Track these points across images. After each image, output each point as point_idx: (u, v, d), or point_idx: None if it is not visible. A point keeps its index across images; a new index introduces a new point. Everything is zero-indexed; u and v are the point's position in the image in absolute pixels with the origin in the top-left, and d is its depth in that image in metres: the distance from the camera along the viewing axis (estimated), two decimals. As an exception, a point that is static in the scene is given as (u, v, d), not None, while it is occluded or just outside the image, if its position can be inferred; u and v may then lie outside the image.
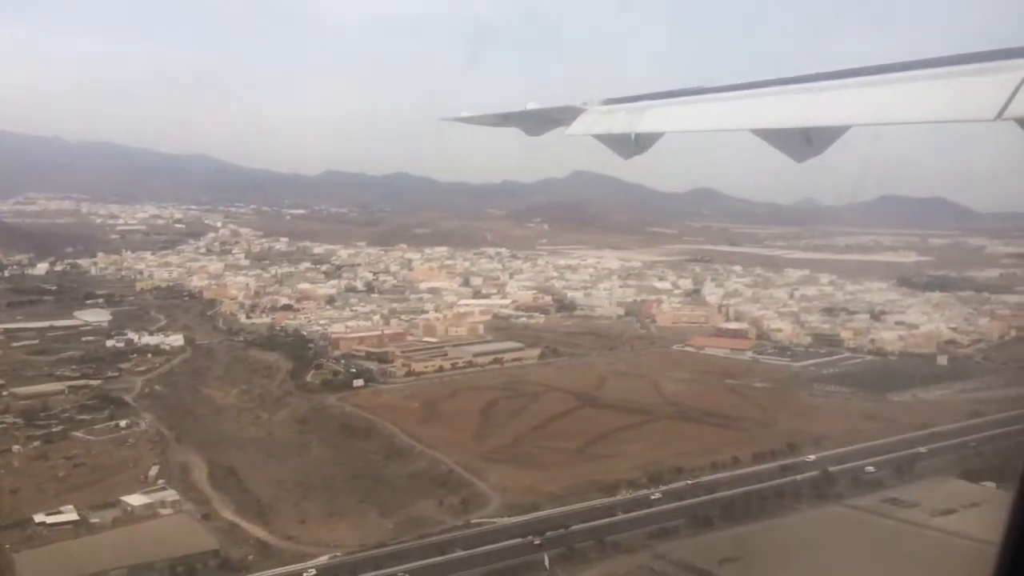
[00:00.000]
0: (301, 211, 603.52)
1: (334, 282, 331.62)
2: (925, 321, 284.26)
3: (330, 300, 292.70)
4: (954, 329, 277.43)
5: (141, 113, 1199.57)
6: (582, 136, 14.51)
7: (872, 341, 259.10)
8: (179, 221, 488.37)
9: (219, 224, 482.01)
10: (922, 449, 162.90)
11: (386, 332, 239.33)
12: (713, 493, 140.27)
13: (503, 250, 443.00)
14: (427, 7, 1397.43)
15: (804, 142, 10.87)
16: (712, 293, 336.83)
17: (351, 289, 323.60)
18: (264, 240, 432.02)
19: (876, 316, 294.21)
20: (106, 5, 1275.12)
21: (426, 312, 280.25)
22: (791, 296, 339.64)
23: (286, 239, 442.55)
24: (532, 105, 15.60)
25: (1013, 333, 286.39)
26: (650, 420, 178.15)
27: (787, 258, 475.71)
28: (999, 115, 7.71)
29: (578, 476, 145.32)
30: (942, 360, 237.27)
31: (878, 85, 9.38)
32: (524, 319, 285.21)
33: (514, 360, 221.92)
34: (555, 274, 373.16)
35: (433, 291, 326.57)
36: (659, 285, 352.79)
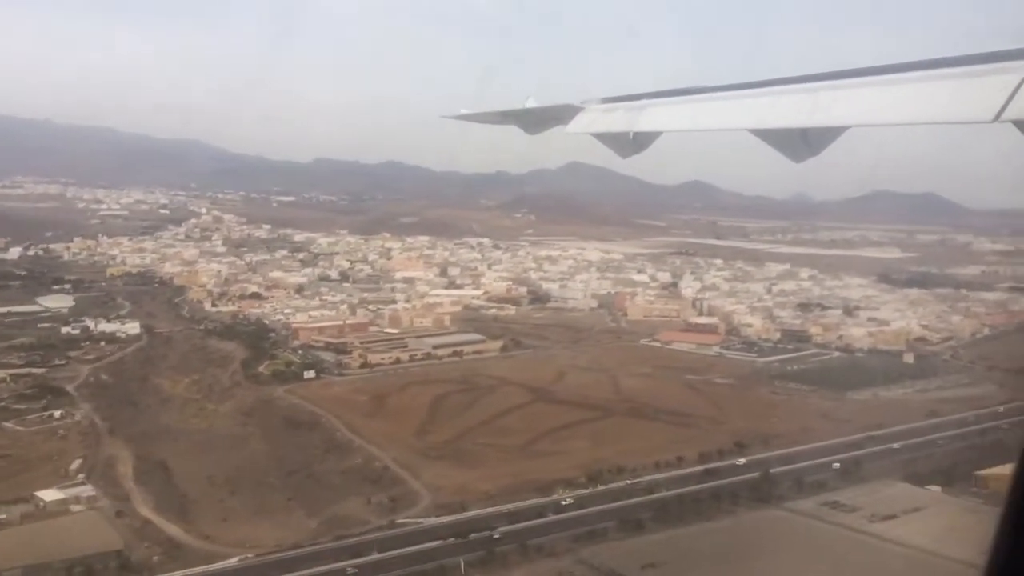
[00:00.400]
0: (290, 198, 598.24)
1: (308, 270, 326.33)
2: (897, 318, 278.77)
3: (300, 289, 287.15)
4: (926, 326, 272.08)
5: (137, 99, 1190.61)
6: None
7: (841, 337, 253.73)
8: (164, 207, 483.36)
9: (203, 210, 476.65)
10: (873, 449, 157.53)
11: (349, 322, 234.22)
12: (650, 494, 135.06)
13: (485, 240, 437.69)
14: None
15: (802, 142, 10.82)
16: (689, 287, 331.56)
17: (324, 278, 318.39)
18: (246, 227, 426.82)
19: (849, 312, 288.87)
20: None
21: (395, 302, 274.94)
22: (768, 291, 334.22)
23: (268, 226, 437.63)
24: (531, 103, 15.57)
25: (986, 331, 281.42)
26: (601, 416, 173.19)
27: (771, 252, 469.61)
28: (997, 117, 7.66)
29: (515, 475, 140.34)
30: (908, 358, 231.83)
31: (876, 86, 9.27)
32: (495, 311, 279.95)
33: (475, 353, 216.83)
34: (534, 265, 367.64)
35: (407, 281, 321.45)
36: (637, 278, 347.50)
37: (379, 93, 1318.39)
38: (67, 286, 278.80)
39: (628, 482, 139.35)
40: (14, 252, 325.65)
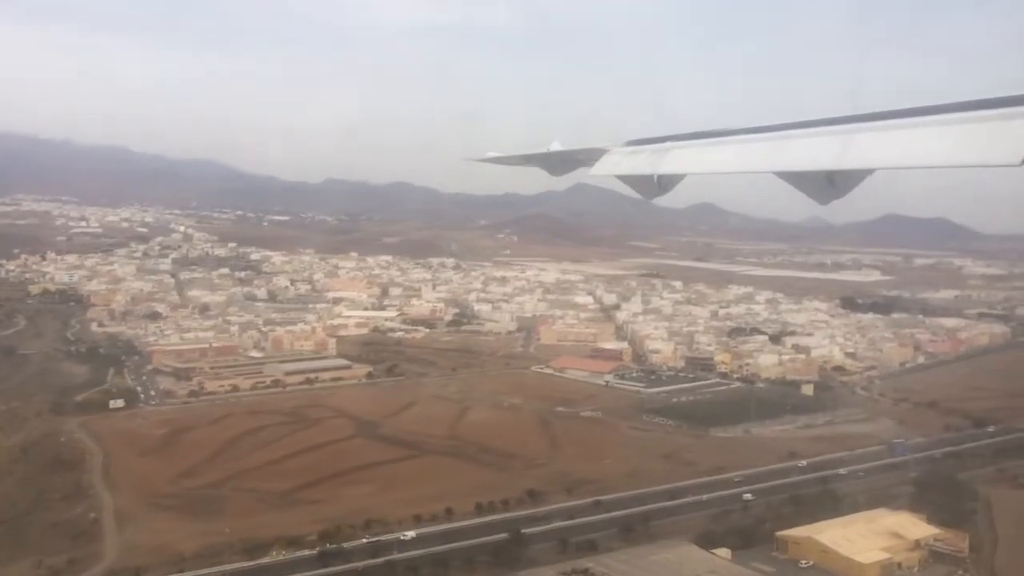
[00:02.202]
0: (285, 217, 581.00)
1: (237, 289, 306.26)
2: (827, 345, 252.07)
3: (206, 309, 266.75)
4: (852, 355, 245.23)
5: (155, 120, 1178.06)
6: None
7: (748, 366, 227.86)
8: (145, 225, 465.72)
9: (181, 228, 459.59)
10: (688, 499, 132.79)
11: (215, 346, 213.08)
12: (376, 557, 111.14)
13: (449, 261, 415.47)
14: (440, 16, 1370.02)
15: (827, 184, 10.54)
16: (627, 311, 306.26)
17: (250, 297, 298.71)
18: (211, 245, 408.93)
19: (777, 339, 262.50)
20: (122, 10, 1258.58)
21: (300, 323, 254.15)
22: (713, 315, 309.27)
23: (234, 244, 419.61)
24: (556, 146, 15.44)
25: (920, 359, 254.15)
26: (412, 456, 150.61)
27: (746, 275, 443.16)
28: None
29: (245, 529, 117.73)
30: (807, 389, 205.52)
31: (902, 128, 9.02)
32: (401, 333, 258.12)
33: (333, 379, 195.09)
34: (479, 287, 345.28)
35: (336, 301, 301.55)
36: (580, 300, 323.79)
37: (389, 112, 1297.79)
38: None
39: (366, 540, 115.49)
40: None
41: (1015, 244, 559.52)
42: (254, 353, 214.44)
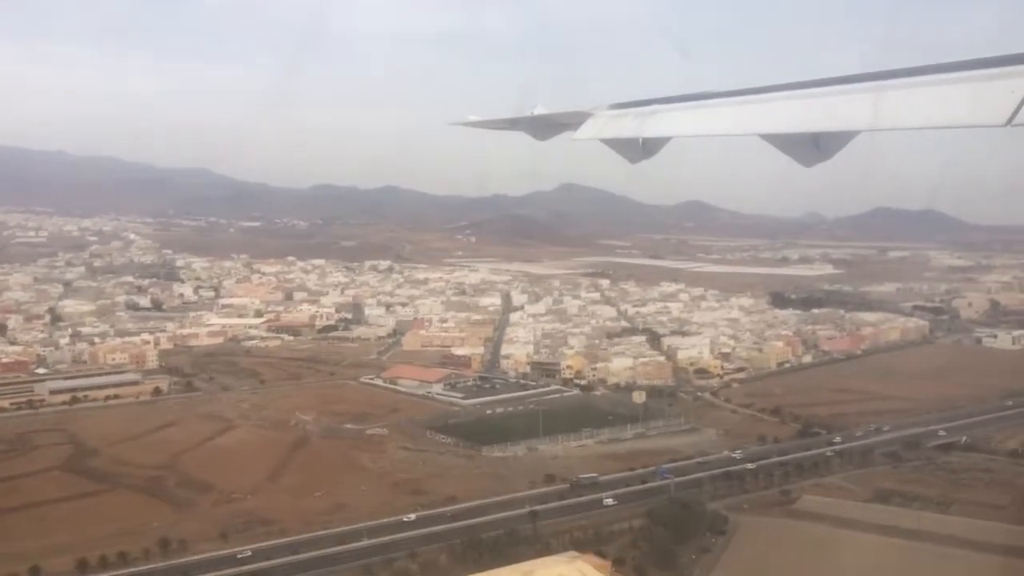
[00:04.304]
0: (256, 223, 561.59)
1: (122, 298, 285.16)
2: (701, 345, 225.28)
3: (56, 319, 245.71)
4: (725, 355, 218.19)
5: (145, 128, 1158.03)
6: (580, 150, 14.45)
7: (597, 371, 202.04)
8: (98, 233, 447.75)
9: (133, 236, 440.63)
10: (353, 546, 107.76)
11: (3, 361, 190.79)
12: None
13: (384, 263, 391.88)
14: (433, 22, 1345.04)
15: (813, 147, 9.93)
16: (528, 311, 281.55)
17: (132, 306, 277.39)
18: (141, 253, 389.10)
19: (656, 340, 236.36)
20: (118, 22, 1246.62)
21: (159, 331, 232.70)
22: (620, 315, 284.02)
23: (169, 251, 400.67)
24: (539, 110, 14.44)
25: (807, 359, 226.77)
26: (103, 491, 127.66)
27: (693, 271, 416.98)
28: (1009, 121, 7.16)
29: None
30: (638, 397, 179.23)
31: (888, 90, 8.51)
32: (257, 342, 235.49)
33: (107, 398, 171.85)
34: (390, 289, 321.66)
35: (226, 307, 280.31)
36: (486, 302, 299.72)
37: (385, 119, 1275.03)
38: None
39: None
40: None
41: (1004, 235, 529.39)
42: (42, 369, 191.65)
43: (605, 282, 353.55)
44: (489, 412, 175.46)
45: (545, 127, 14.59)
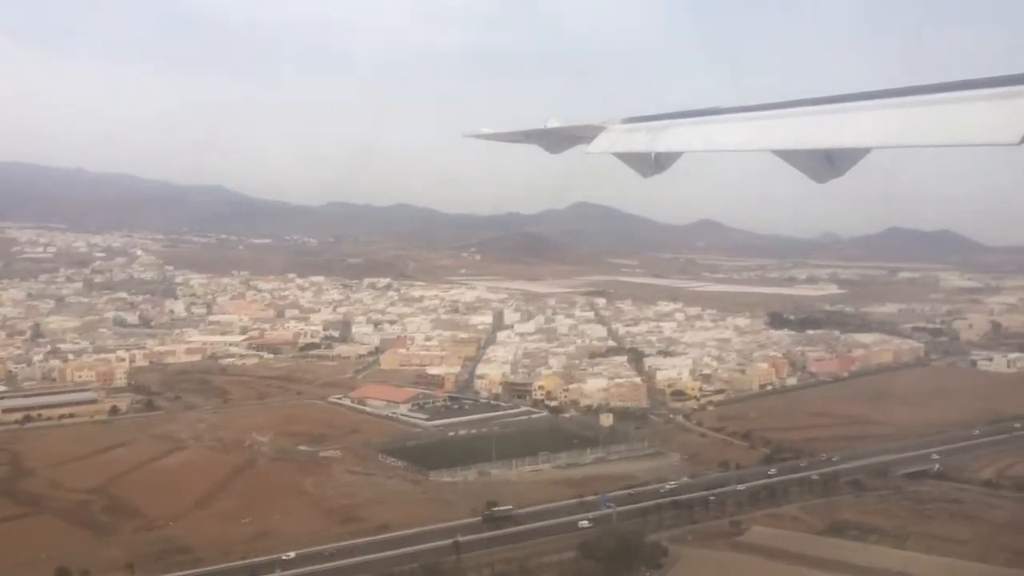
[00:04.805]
0: (266, 240, 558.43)
1: (112, 314, 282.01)
2: (682, 365, 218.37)
3: (37, 335, 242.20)
4: (706, 376, 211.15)
5: (162, 145, 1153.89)
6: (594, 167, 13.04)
7: (569, 392, 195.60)
8: (107, 250, 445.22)
9: (139, 252, 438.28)
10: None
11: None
12: None
13: (383, 280, 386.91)
14: (450, 39, 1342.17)
15: (826, 164, 9.82)
16: (518, 330, 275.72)
17: (119, 323, 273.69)
18: (143, 269, 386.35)
19: (639, 359, 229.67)
20: (132, 37, 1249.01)
21: (136, 348, 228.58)
22: (610, 334, 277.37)
23: (171, 268, 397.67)
24: (553, 123, 14.29)
25: (792, 381, 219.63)
26: (26, 515, 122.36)
27: (695, 291, 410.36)
28: (1023, 140, 7.02)
29: None
30: (605, 420, 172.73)
31: (901, 107, 8.42)
32: (233, 360, 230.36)
33: (61, 416, 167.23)
34: (382, 307, 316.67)
35: (214, 324, 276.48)
36: (476, 320, 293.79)
37: (400, 137, 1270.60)
38: None
39: None
40: None
41: (1018, 256, 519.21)
42: (2, 387, 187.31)
43: (601, 301, 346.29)
44: (451, 434, 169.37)
45: (558, 140, 14.41)
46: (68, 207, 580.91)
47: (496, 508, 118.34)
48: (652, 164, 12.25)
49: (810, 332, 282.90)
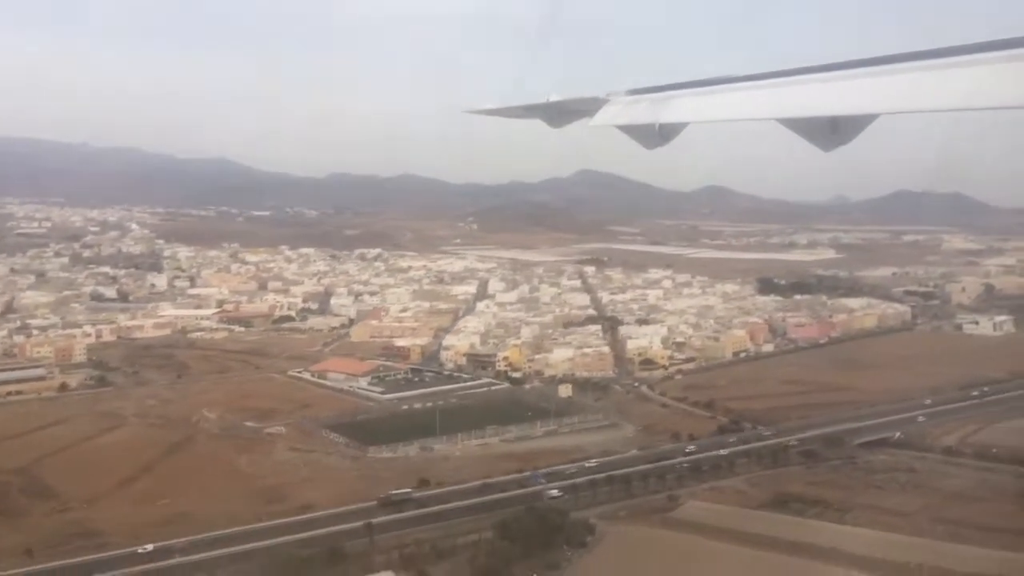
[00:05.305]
0: (266, 213, 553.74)
1: (90, 288, 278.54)
2: (654, 333, 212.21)
3: (9, 310, 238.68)
4: (679, 344, 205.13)
5: (166, 119, 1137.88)
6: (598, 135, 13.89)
7: (534, 363, 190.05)
8: (102, 224, 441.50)
9: (134, 227, 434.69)
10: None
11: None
12: None
13: (373, 251, 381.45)
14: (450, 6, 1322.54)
15: (831, 131, 9.57)
16: (500, 300, 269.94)
17: (96, 297, 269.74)
18: (134, 243, 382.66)
19: (615, 328, 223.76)
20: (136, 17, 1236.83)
21: (96, 325, 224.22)
22: (592, 303, 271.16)
23: (162, 241, 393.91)
24: (555, 97, 13.90)
25: (768, 347, 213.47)
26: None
27: (690, 258, 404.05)
28: None
29: None
30: (564, 390, 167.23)
31: (906, 72, 8.23)
32: (202, 334, 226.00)
33: (12, 392, 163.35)
34: (367, 277, 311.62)
35: (189, 297, 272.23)
36: (458, 290, 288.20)
37: (398, 105, 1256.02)
38: None
39: None
40: None
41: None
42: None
43: (591, 269, 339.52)
44: (405, 407, 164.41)
45: (561, 114, 14.11)
46: (70, 182, 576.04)
47: (394, 491, 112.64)
48: (656, 136, 11.83)
49: (797, 298, 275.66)
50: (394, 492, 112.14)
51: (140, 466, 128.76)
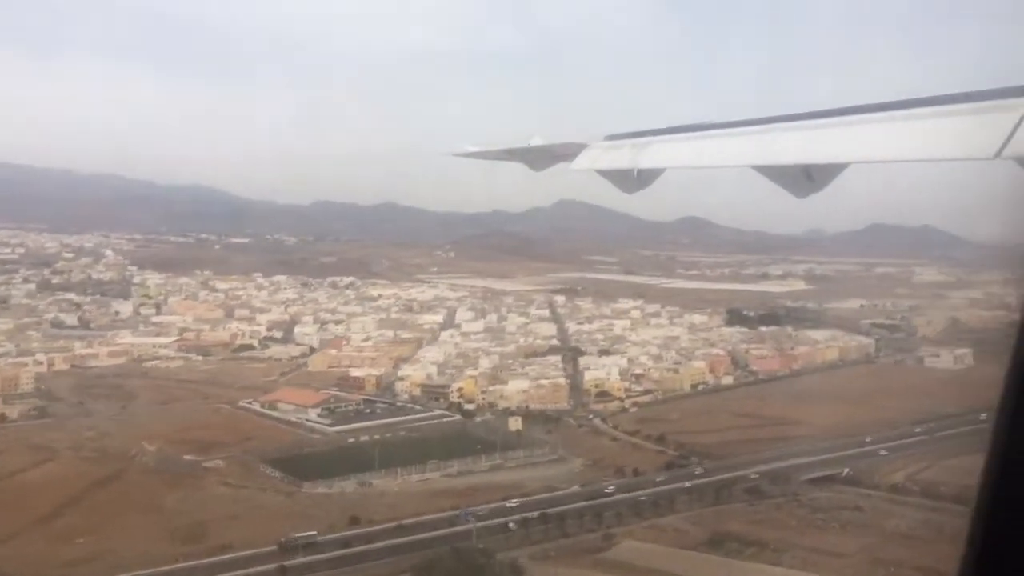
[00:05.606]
0: (244, 240, 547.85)
1: (53, 316, 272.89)
2: (612, 365, 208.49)
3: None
4: (638, 376, 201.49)
5: (149, 146, 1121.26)
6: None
7: (485, 395, 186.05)
8: (76, 250, 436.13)
9: (108, 253, 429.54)
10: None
11: None
12: None
13: (345, 279, 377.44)
14: (437, 41, 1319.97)
15: (805, 178, 9.86)
16: (464, 330, 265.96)
17: (57, 324, 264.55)
18: (105, 270, 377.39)
19: (575, 358, 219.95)
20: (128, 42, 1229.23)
21: (48, 354, 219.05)
22: (558, 332, 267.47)
23: (134, 268, 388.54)
24: (536, 140, 14.21)
25: (727, 380, 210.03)
26: None
27: (662, 287, 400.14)
28: (998, 154, 7.02)
29: None
30: (514, 424, 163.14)
31: (879, 123, 8.46)
32: (158, 362, 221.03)
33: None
34: (334, 306, 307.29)
35: (152, 325, 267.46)
36: (425, 319, 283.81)
37: (380, 135, 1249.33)
38: None
39: None
40: None
41: (1001, 252, 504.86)
42: None
43: (561, 298, 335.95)
44: (351, 440, 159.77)
45: (541, 157, 14.18)
46: (51, 208, 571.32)
47: (297, 535, 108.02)
48: (635, 181, 11.92)
49: (763, 329, 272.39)
50: (297, 535, 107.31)
51: (65, 502, 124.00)
